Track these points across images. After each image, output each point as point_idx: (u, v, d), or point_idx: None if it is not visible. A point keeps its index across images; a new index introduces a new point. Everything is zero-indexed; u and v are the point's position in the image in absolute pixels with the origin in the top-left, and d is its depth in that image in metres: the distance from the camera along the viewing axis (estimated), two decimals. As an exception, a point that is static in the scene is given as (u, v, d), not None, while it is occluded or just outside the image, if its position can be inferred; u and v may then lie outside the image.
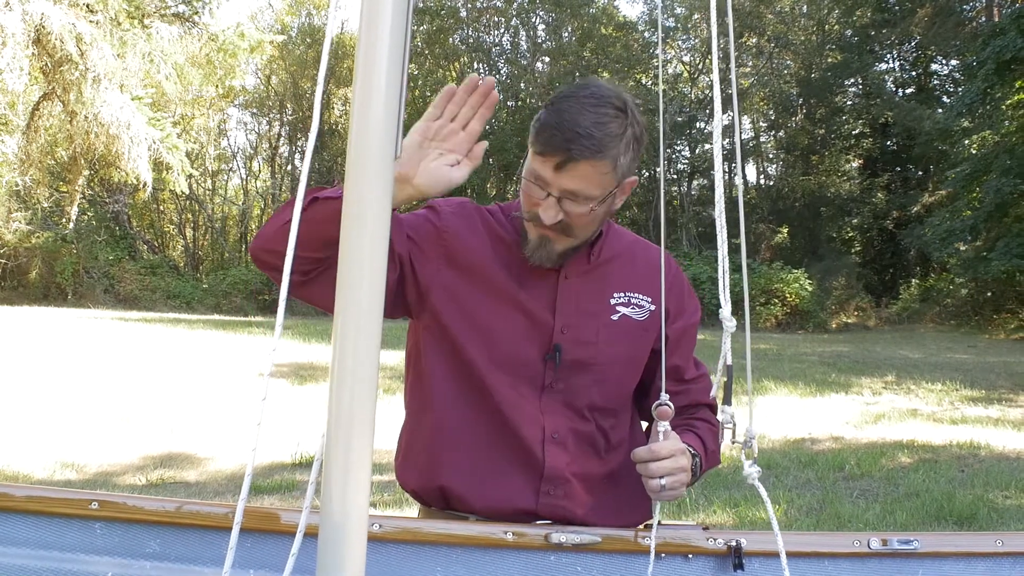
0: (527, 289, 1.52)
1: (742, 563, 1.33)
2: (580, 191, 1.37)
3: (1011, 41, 17.64)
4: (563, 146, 1.35)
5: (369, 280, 0.89)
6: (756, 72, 31.58)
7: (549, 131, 1.36)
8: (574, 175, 1.36)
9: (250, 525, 1.27)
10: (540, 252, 1.46)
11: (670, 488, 1.33)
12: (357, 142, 0.89)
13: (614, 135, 1.37)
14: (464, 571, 1.32)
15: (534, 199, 1.41)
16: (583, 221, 1.42)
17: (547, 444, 1.50)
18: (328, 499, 0.89)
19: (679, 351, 1.61)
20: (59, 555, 1.24)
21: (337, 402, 0.88)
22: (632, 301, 1.56)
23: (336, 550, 0.88)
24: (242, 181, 35.63)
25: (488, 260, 1.52)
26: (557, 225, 1.40)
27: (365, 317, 0.89)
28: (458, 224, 1.55)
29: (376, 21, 0.88)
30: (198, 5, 19.15)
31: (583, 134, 1.34)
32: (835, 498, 5.26)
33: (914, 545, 1.37)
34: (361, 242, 0.89)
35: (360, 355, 0.89)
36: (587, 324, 1.52)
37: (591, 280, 1.55)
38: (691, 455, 1.43)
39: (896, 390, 10.11)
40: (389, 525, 1.31)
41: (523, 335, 1.51)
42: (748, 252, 26.83)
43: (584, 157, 1.35)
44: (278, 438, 6.15)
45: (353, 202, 0.89)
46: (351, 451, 0.88)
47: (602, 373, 1.53)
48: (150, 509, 1.28)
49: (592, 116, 1.36)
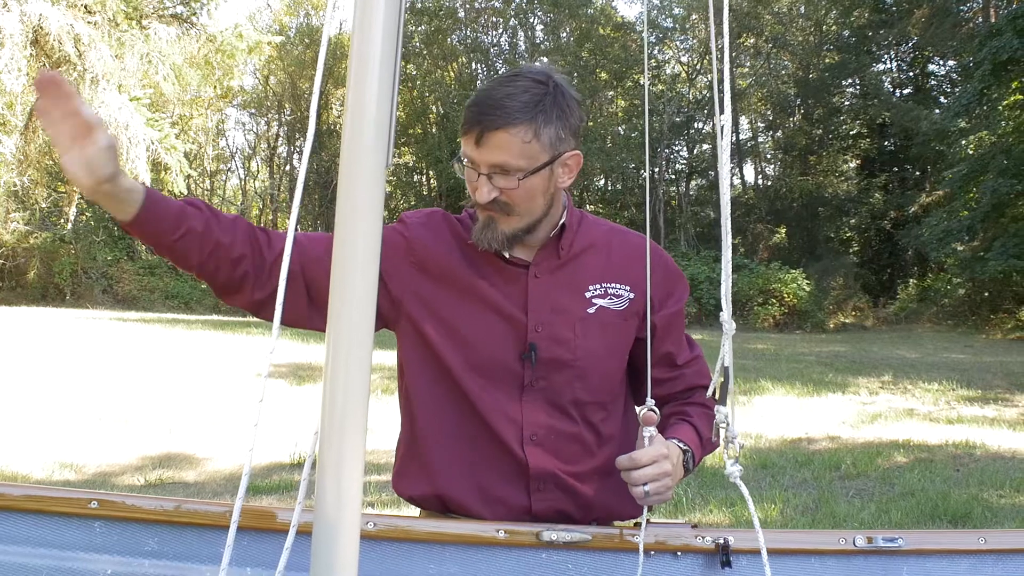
0: (499, 290, 1.53)
1: (730, 560, 1.35)
2: (503, 162, 1.39)
3: (1007, 42, 17.69)
4: (476, 119, 1.39)
5: (362, 281, 0.90)
6: (754, 72, 31.63)
7: (467, 110, 1.41)
8: (492, 146, 1.39)
9: (247, 524, 1.29)
10: (486, 233, 1.46)
11: (654, 494, 1.34)
12: (350, 147, 0.90)
13: (526, 103, 1.39)
14: (457, 569, 1.34)
15: (471, 183, 1.44)
16: (517, 195, 1.42)
17: (526, 445, 1.51)
18: (322, 497, 0.90)
19: (670, 337, 1.61)
20: (59, 553, 1.27)
21: (331, 401, 0.90)
22: (609, 292, 1.56)
23: (329, 548, 0.90)
24: (240, 181, 35.69)
25: (457, 266, 1.54)
26: (495, 204, 1.42)
27: (358, 318, 0.91)
28: (425, 234, 1.57)
29: (369, 29, 0.90)
30: (196, 6, 19.16)
31: (494, 105, 1.38)
32: (830, 497, 5.28)
33: (899, 543, 1.39)
34: (355, 245, 0.90)
35: (353, 355, 0.90)
36: (561, 321, 1.53)
37: (562, 275, 1.55)
38: (681, 451, 1.45)
39: (893, 390, 10.14)
40: (383, 523, 1.34)
41: (498, 337, 1.52)
42: (746, 252, 26.82)
43: (497, 126, 1.37)
44: (276, 438, 6.16)
45: (346, 206, 0.91)
46: (344, 449, 0.90)
47: (583, 368, 1.53)
48: (149, 508, 1.30)
49: (505, 89, 1.40)
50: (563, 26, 30.87)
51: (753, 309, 22.69)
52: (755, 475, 5.88)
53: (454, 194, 29.86)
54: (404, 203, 33.15)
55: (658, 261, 1.60)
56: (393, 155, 0.91)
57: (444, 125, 30.52)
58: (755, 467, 6.09)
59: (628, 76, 29.92)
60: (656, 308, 1.58)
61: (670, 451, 1.39)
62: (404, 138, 31.13)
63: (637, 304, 1.57)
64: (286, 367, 10.54)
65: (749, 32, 30.60)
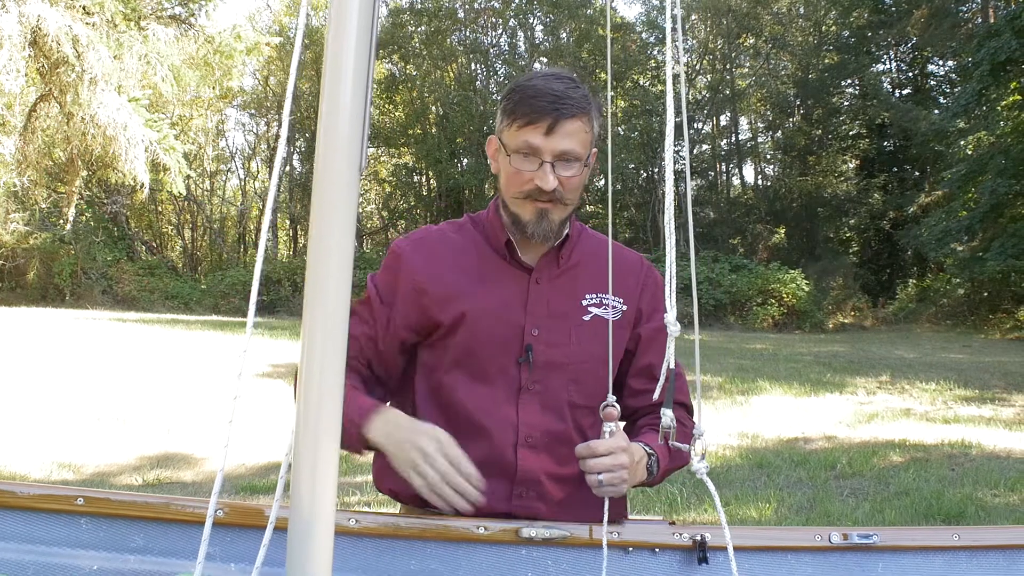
0: (499, 294, 1.59)
1: (707, 557, 1.38)
2: (570, 150, 1.48)
3: (1006, 42, 17.70)
4: (549, 109, 1.46)
5: (335, 282, 0.92)
6: (753, 73, 31.65)
7: (531, 102, 1.47)
8: (564, 134, 1.47)
9: (231, 520, 1.32)
10: (542, 226, 1.53)
11: (608, 484, 1.38)
12: (324, 153, 0.92)
13: (586, 95, 1.51)
14: (437, 564, 1.36)
15: (527, 174, 1.49)
16: (574, 184, 1.51)
17: (520, 448, 1.56)
18: (297, 495, 0.92)
19: (652, 349, 1.66)
20: (45, 549, 1.29)
21: (305, 401, 0.92)
22: (604, 302, 1.62)
23: (304, 544, 0.92)
24: (240, 182, 35.68)
25: (456, 279, 1.60)
26: (553, 192, 1.49)
27: (331, 319, 0.92)
28: (418, 258, 1.63)
29: (343, 29, 0.92)
30: (194, 7, 19.16)
31: (563, 96, 1.47)
32: (825, 497, 5.30)
33: (874, 539, 1.41)
34: (329, 244, 0.92)
35: (327, 354, 0.92)
36: (558, 326, 1.59)
37: (562, 283, 1.61)
38: (646, 454, 1.49)
39: (890, 390, 10.16)
40: (365, 520, 1.36)
41: (497, 340, 1.57)
42: (745, 253, 26.78)
43: (571, 114, 1.47)
44: (274, 438, 6.18)
45: (320, 209, 0.93)
46: (319, 448, 0.92)
47: (577, 372, 1.58)
48: (135, 504, 1.33)
49: (562, 84, 1.49)
50: (563, 27, 30.88)
51: (752, 309, 22.70)
52: (751, 474, 5.90)
53: (453, 194, 29.88)
54: (404, 203, 33.17)
55: (650, 278, 1.70)
56: (367, 161, 0.93)
57: (444, 126, 30.52)
58: (751, 466, 6.11)
59: (627, 76, 29.93)
60: (644, 319, 1.66)
61: (631, 448, 1.43)
62: (403, 139, 31.13)
63: (630, 317, 1.65)
64: (284, 367, 10.56)
65: (748, 32, 30.64)
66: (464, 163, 30.44)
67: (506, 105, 1.52)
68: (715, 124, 32.85)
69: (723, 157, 33.48)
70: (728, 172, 34.18)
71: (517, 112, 1.48)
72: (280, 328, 17.09)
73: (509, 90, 1.53)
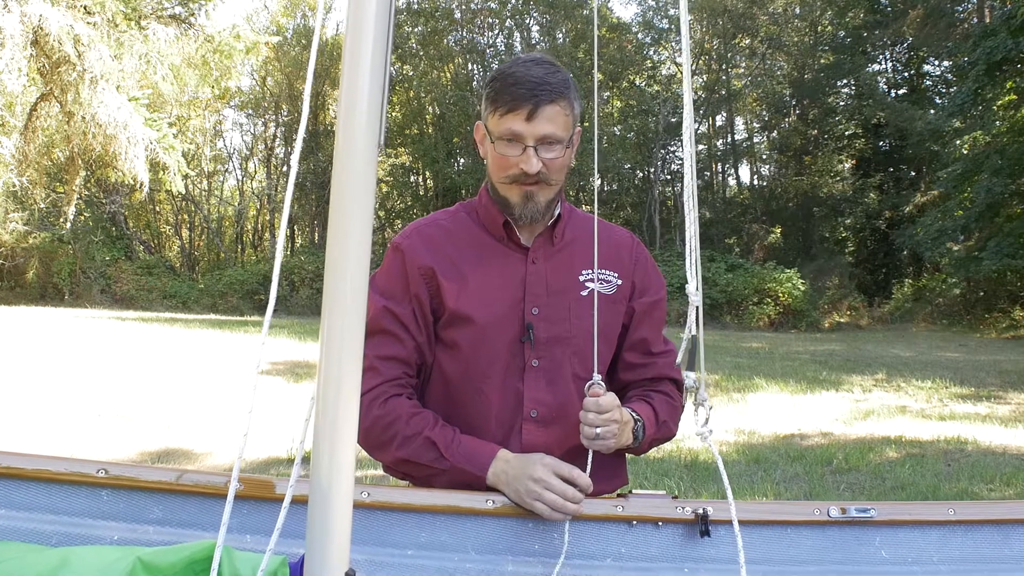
0: (498, 275, 1.65)
1: (708, 530, 1.41)
2: (552, 134, 1.54)
3: (1001, 42, 17.75)
4: (529, 96, 1.52)
5: (354, 267, 0.96)
6: (749, 73, 31.70)
7: (511, 90, 1.53)
8: (544, 119, 1.53)
9: (247, 493, 1.36)
10: (529, 208, 1.60)
11: (600, 439, 1.45)
12: (344, 139, 0.95)
13: (563, 81, 1.56)
14: (447, 537, 1.40)
15: (512, 159, 1.56)
16: (557, 164, 1.57)
17: (524, 423, 1.61)
18: (317, 467, 0.95)
19: (646, 323, 1.73)
20: (68, 520, 1.33)
21: (325, 375, 0.95)
22: (600, 277, 1.68)
23: (324, 515, 0.95)
24: (238, 182, 35.67)
25: (454, 263, 1.65)
26: (538, 175, 1.56)
27: (351, 300, 0.95)
28: (419, 246, 1.68)
29: (360, 26, 0.96)
30: (194, 7, 19.13)
31: (541, 82, 1.53)
32: (822, 491, 5.34)
33: (871, 514, 1.45)
34: (349, 231, 0.95)
35: (347, 331, 0.95)
36: (558, 302, 1.64)
37: (558, 261, 1.68)
38: (633, 419, 1.56)
39: (886, 387, 10.20)
40: (377, 494, 1.40)
41: (499, 320, 1.62)
42: (741, 252, 26.76)
43: (549, 100, 1.53)
44: (274, 434, 6.21)
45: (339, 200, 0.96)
46: (338, 421, 0.95)
47: (578, 344, 1.64)
48: (153, 478, 1.37)
49: (542, 69, 1.55)
50: (559, 27, 30.92)
51: (748, 308, 22.75)
52: (747, 470, 5.93)
53: (450, 194, 29.87)
54: (400, 203, 33.15)
55: (641, 255, 1.77)
56: (384, 146, 0.96)
57: (440, 125, 30.54)
58: (747, 462, 6.15)
59: (624, 77, 29.97)
60: (637, 294, 1.72)
61: (623, 410, 1.52)
62: (400, 138, 31.12)
63: (625, 290, 1.71)
64: (283, 364, 10.59)
65: (744, 33, 30.68)
66: (461, 163, 30.46)
67: (489, 93, 1.58)
68: (711, 124, 32.89)
69: (719, 157, 33.53)
70: (724, 172, 34.25)
71: (499, 100, 1.55)
72: (278, 327, 17.11)
73: (491, 78, 1.60)
